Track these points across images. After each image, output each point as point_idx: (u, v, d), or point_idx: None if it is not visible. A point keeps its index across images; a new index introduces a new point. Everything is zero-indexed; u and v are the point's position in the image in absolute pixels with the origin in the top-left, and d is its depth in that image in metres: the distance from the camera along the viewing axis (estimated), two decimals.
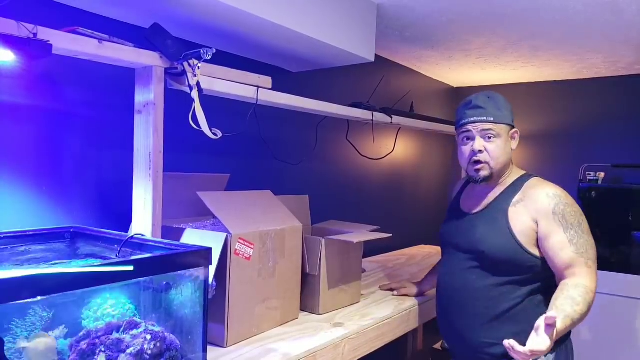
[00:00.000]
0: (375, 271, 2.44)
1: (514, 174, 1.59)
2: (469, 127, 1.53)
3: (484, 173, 1.53)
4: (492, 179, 1.55)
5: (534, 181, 1.55)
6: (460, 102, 1.61)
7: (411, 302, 1.90)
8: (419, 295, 1.97)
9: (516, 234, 1.47)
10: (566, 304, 1.34)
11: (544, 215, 1.45)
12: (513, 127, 1.57)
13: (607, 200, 3.11)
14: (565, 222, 1.43)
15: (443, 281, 1.66)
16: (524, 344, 1.23)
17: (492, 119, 1.51)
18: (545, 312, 1.27)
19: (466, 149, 1.56)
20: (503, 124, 1.52)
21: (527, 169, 1.65)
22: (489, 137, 1.51)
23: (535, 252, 1.47)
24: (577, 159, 3.38)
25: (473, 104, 1.54)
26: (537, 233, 1.47)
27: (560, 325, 1.27)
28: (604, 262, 3.03)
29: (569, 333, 1.51)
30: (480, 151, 1.52)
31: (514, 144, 1.57)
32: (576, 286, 1.38)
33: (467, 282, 1.55)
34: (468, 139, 1.55)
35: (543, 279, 1.48)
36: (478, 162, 1.53)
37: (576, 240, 1.42)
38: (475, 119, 1.52)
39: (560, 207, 1.45)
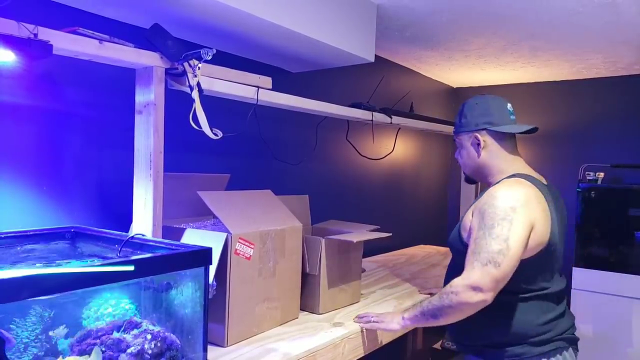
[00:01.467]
0: (375, 271, 2.44)
1: (505, 174, 1.52)
2: None
3: (464, 175, 1.73)
4: (475, 181, 1.69)
5: (503, 181, 1.49)
6: None
7: (411, 302, 1.90)
8: None
9: (461, 228, 1.50)
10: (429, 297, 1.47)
11: (474, 212, 1.46)
12: (474, 131, 1.54)
13: (607, 200, 3.11)
14: (482, 222, 1.39)
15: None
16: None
17: (453, 130, 1.66)
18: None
19: None
20: (461, 133, 1.60)
21: None
22: (457, 148, 1.66)
23: None
24: (576, 159, 3.38)
25: None
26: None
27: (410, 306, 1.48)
28: (604, 262, 3.04)
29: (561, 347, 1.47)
30: (456, 159, 1.70)
31: (480, 149, 1.54)
32: (449, 284, 1.40)
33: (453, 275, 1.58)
34: None
35: None
36: None
37: (479, 240, 1.37)
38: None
39: (484, 207, 1.41)
